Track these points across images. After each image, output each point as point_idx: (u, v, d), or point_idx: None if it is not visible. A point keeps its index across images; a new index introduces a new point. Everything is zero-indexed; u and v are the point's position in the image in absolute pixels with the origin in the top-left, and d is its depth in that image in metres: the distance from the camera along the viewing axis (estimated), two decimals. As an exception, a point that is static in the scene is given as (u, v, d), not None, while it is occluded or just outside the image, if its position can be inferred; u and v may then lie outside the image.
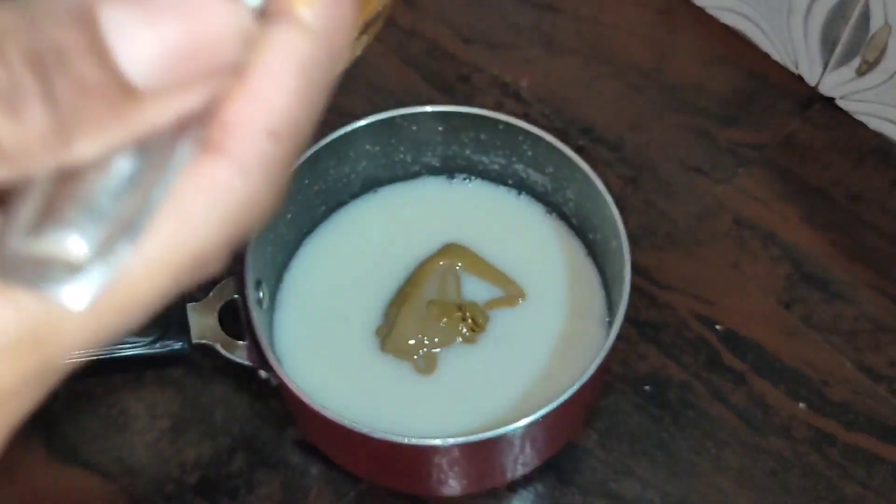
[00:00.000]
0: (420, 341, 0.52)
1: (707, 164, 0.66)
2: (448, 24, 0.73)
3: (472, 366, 0.53)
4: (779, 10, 0.67)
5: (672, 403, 0.56)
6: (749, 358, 0.58)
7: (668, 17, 0.73)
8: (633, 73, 0.70)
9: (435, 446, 0.45)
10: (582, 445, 0.55)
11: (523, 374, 0.52)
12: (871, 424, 0.56)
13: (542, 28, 0.72)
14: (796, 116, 0.68)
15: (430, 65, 0.70)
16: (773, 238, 0.62)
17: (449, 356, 0.53)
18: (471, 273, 0.55)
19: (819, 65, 0.67)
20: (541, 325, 0.54)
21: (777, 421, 0.56)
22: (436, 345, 0.52)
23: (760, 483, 0.54)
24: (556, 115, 0.68)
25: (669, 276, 0.61)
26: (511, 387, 0.52)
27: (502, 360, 0.53)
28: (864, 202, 0.64)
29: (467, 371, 0.52)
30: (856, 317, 0.59)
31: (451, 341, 0.53)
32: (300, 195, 0.54)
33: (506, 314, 0.54)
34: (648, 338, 0.59)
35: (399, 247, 0.56)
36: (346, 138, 0.54)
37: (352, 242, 0.57)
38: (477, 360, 0.53)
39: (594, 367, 0.45)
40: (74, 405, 0.57)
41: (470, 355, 0.53)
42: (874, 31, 0.62)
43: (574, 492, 0.54)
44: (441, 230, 0.57)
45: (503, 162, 0.57)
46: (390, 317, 0.53)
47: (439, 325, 0.52)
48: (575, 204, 0.55)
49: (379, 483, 0.53)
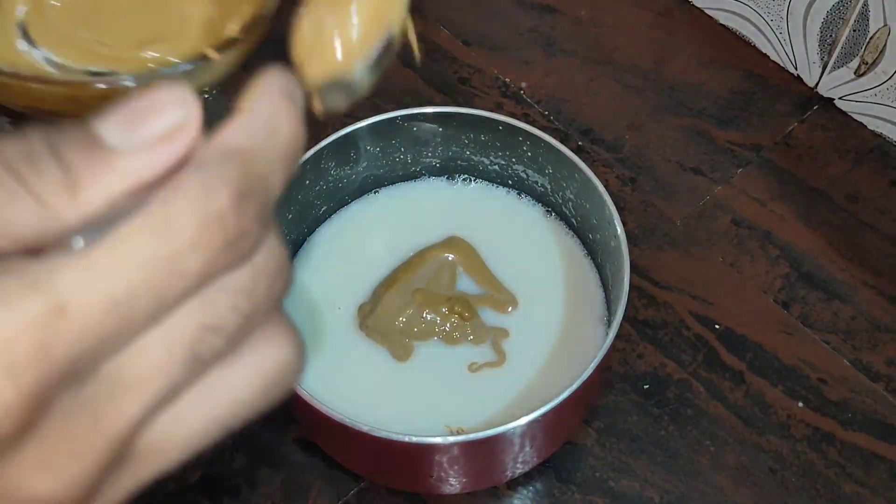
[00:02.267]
0: (398, 328, 0.53)
1: (706, 164, 0.66)
2: (448, 26, 0.73)
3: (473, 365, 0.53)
4: (778, 11, 0.67)
5: (671, 402, 0.57)
6: (747, 357, 0.58)
7: (666, 18, 0.73)
8: (632, 74, 0.70)
9: (435, 444, 0.45)
10: (581, 444, 0.55)
11: (523, 373, 0.52)
12: (868, 423, 0.56)
13: (541, 29, 0.73)
14: (795, 117, 0.68)
15: (431, 66, 0.71)
16: (771, 238, 0.63)
17: (450, 355, 0.53)
18: (466, 272, 0.55)
19: (818, 65, 0.67)
20: (540, 324, 0.54)
21: (775, 419, 0.56)
22: (414, 335, 0.53)
23: (759, 481, 0.54)
24: (555, 116, 0.68)
25: (668, 275, 0.61)
26: (511, 386, 0.52)
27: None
28: (863, 202, 0.64)
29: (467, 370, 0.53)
30: (854, 316, 0.60)
31: (427, 337, 0.53)
32: (300, 195, 0.54)
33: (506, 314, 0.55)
34: (647, 337, 0.59)
35: (399, 247, 0.57)
36: (347, 139, 0.54)
37: (352, 243, 0.57)
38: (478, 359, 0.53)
39: (593, 366, 0.46)
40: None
41: (470, 355, 0.53)
42: (873, 31, 0.62)
43: (573, 490, 0.54)
44: (441, 230, 0.57)
45: (503, 163, 0.57)
46: (376, 296, 0.54)
47: (421, 316, 0.53)
48: (574, 204, 0.56)
49: (379, 481, 0.54)
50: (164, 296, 0.20)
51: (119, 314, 0.19)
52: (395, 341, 0.53)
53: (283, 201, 0.52)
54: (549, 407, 0.44)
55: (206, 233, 0.20)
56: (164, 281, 0.20)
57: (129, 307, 0.19)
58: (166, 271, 0.20)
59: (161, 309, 0.20)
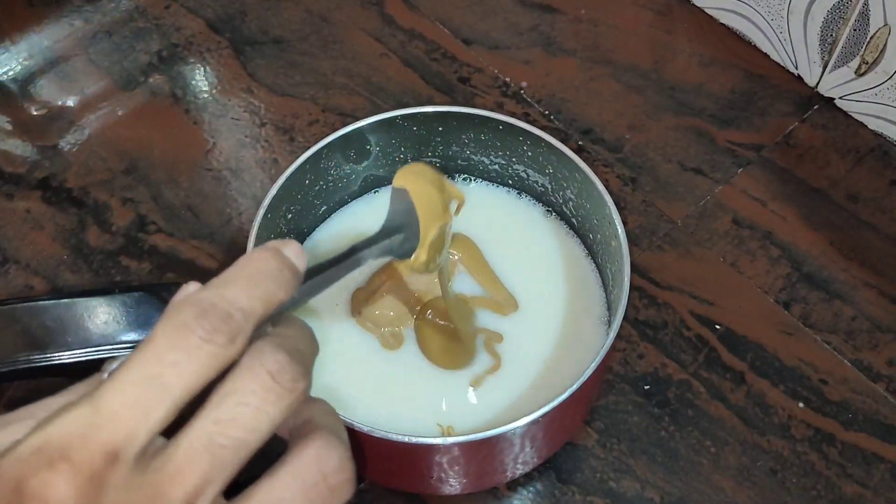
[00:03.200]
0: (390, 318, 0.53)
1: (706, 164, 0.66)
2: (448, 25, 0.73)
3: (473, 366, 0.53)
4: (778, 10, 0.67)
5: (671, 403, 0.57)
6: (748, 357, 0.58)
7: (667, 17, 0.73)
8: (633, 74, 0.70)
9: (435, 445, 0.45)
10: (581, 444, 0.55)
11: (523, 373, 0.52)
12: (869, 423, 0.56)
13: (541, 29, 0.73)
14: (795, 117, 0.68)
15: (431, 65, 0.71)
16: (771, 238, 0.63)
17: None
18: (468, 270, 0.55)
19: (818, 65, 0.67)
20: (541, 324, 0.54)
21: (776, 420, 0.56)
22: (400, 322, 0.53)
23: (759, 482, 0.54)
24: (555, 116, 0.68)
25: (669, 275, 0.61)
26: (511, 386, 0.52)
27: (502, 359, 0.53)
28: (863, 202, 0.64)
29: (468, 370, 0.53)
30: (854, 316, 0.60)
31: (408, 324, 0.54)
32: (300, 195, 0.54)
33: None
34: (648, 337, 0.59)
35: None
36: (347, 138, 0.54)
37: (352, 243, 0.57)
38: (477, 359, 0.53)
39: (594, 366, 0.45)
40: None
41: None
42: (873, 31, 0.62)
43: (574, 491, 0.54)
44: (441, 230, 0.57)
45: (503, 162, 0.57)
46: (373, 285, 0.54)
47: (407, 309, 0.53)
48: (575, 204, 0.55)
49: (380, 482, 0.54)
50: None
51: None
52: (384, 331, 0.53)
53: (283, 201, 0.52)
54: (550, 407, 0.44)
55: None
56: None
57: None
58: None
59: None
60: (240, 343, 0.28)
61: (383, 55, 0.71)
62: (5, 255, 0.62)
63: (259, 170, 0.66)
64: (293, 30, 0.73)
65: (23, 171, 0.66)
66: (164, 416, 0.26)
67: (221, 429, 0.27)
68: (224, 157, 0.66)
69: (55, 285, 0.61)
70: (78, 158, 0.66)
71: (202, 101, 0.69)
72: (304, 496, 0.29)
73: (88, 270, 0.62)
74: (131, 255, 0.62)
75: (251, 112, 0.69)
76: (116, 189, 0.65)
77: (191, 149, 0.67)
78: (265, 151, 0.67)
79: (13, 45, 0.72)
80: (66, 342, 0.51)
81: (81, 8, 0.74)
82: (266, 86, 0.70)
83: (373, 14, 0.74)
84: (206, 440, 0.27)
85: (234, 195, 0.65)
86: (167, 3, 0.74)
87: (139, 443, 0.26)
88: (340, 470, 0.29)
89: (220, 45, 0.72)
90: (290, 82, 0.70)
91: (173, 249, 0.63)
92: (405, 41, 0.72)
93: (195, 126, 0.68)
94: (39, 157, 0.67)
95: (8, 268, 0.62)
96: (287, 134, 0.67)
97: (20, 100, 0.69)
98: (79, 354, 0.51)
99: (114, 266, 0.62)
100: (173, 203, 0.64)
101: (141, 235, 0.63)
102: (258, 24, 0.73)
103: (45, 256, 0.62)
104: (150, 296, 0.53)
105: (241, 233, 0.63)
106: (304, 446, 0.29)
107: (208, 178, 0.66)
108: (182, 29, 0.73)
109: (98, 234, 0.63)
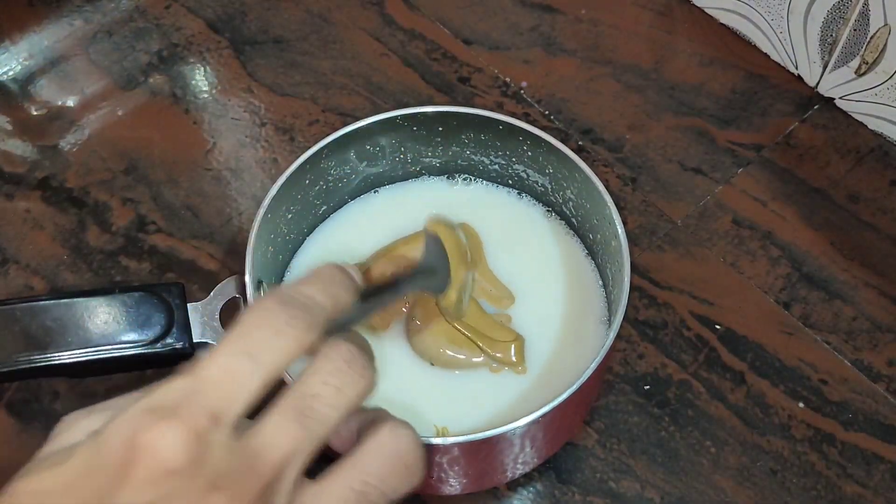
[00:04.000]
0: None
1: (706, 164, 0.66)
2: (448, 25, 0.73)
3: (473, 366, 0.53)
4: (778, 10, 0.67)
5: (671, 403, 0.57)
6: (748, 357, 0.58)
7: (667, 17, 0.73)
8: (633, 74, 0.70)
9: (435, 445, 0.45)
10: (581, 444, 0.55)
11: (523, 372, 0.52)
12: (869, 424, 0.56)
13: (541, 29, 0.73)
14: (795, 117, 0.68)
15: (431, 65, 0.71)
16: (772, 238, 0.63)
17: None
18: None
19: (818, 65, 0.67)
20: (540, 324, 0.54)
21: (776, 420, 0.56)
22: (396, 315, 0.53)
23: (759, 482, 0.54)
24: (555, 116, 0.68)
25: (669, 275, 0.61)
26: (511, 386, 0.52)
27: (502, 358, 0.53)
28: (863, 202, 0.64)
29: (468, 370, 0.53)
30: (854, 316, 0.60)
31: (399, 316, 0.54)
32: (300, 195, 0.54)
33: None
34: (648, 337, 0.59)
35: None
36: (347, 138, 0.54)
37: (352, 243, 0.57)
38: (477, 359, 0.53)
39: (594, 366, 0.45)
40: (76, 405, 0.57)
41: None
42: (873, 31, 0.62)
43: (574, 491, 0.54)
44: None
45: (503, 162, 0.57)
46: (369, 262, 0.54)
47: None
48: (575, 204, 0.55)
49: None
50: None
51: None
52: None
53: (283, 201, 0.52)
54: (550, 407, 0.44)
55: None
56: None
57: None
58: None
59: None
60: (315, 331, 0.31)
61: (383, 55, 0.71)
62: (5, 255, 0.62)
63: (259, 170, 0.66)
64: (293, 30, 0.73)
65: (23, 171, 0.66)
66: (258, 387, 0.29)
67: (309, 402, 0.30)
68: (224, 157, 0.66)
69: (55, 285, 0.61)
70: (78, 158, 0.66)
71: (202, 101, 0.69)
72: (387, 468, 0.32)
73: (88, 270, 0.62)
74: (131, 255, 0.62)
75: (251, 112, 0.69)
76: (116, 189, 0.65)
77: (191, 149, 0.67)
78: (265, 151, 0.67)
79: (13, 45, 0.72)
80: (66, 342, 0.51)
81: (81, 8, 0.74)
82: (266, 86, 0.70)
83: (373, 14, 0.74)
84: (296, 412, 0.30)
85: (234, 195, 0.65)
86: (167, 3, 0.74)
87: (238, 408, 0.29)
88: (414, 450, 0.33)
89: (220, 45, 0.72)
90: (290, 82, 0.70)
91: (173, 249, 0.63)
92: (405, 41, 0.72)
93: (195, 126, 0.68)
94: (39, 157, 0.67)
95: (8, 268, 0.62)
96: (287, 134, 0.67)
97: (20, 100, 0.69)
98: (79, 354, 0.51)
99: (114, 266, 0.62)
100: (173, 203, 0.64)
101: (141, 235, 0.63)
102: (258, 24, 0.73)
103: (45, 256, 0.62)
104: (150, 296, 0.53)
105: (241, 233, 0.63)
106: (379, 430, 0.33)
107: (208, 177, 0.66)
108: (182, 29, 0.73)
109: (98, 234, 0.63)
